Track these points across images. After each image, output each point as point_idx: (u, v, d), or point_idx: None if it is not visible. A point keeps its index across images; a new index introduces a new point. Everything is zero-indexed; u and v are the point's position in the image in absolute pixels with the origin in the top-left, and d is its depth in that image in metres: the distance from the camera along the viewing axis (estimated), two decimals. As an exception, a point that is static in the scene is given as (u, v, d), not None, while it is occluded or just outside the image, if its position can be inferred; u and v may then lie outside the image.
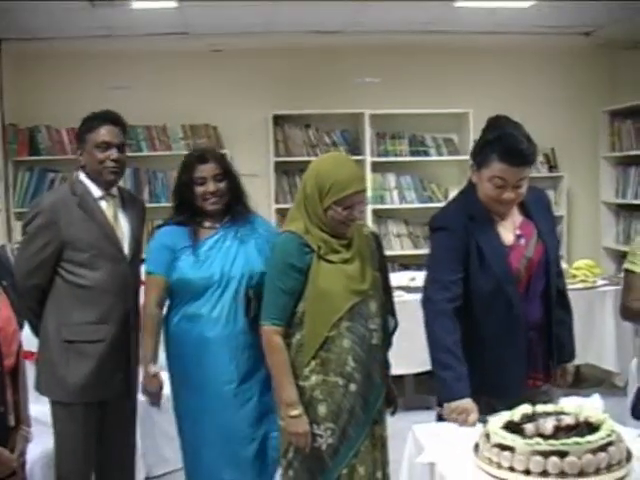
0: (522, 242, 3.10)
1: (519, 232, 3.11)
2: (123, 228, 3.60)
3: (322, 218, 3.06)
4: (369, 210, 7.55)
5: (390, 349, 3.32)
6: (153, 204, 7.05)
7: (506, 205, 3.05)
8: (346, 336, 3.05)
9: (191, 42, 7.40)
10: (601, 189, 7.99)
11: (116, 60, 7.34)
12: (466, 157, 3.65)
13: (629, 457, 2.31)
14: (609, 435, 2.28)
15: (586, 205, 8.13)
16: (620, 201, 7.81)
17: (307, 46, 7.53)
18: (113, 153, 3.52)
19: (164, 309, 3.56)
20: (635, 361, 4.21)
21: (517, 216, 3.15)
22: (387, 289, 3.31)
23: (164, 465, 4.80)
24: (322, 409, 3.06)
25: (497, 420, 2.47)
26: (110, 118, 3.57)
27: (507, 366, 3.04)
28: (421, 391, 5.82)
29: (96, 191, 3.55)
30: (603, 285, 6.18)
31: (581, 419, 2.41)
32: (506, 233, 3.10)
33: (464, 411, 2.87)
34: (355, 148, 7.75)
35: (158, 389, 3.52)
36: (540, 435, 2.32)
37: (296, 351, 3.07)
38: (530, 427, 2.37)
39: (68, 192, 3.54)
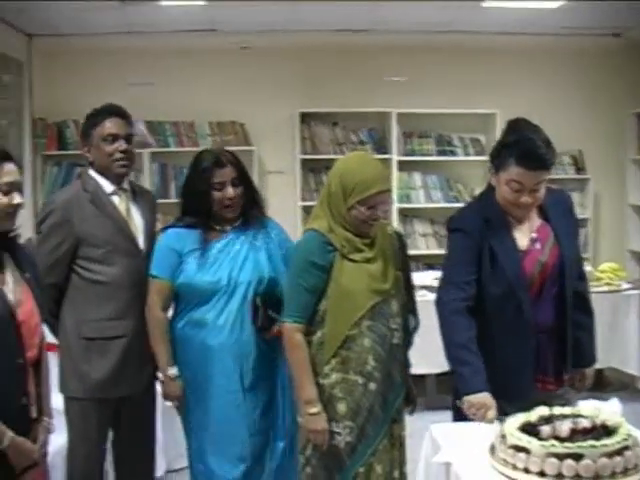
0: (537, 246, 3.10)
1: (535, 235, 3.11)
2: (136, 222, 3.55)
3: (346, 217, 3.06)
4: (395, 209, 7.56)
5: (411, 348, 3.31)
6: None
7: (523, 209, 3.05)
8: (367, 335, 3.06)
9: (219, 39, 7.42)
10: (627, 192, 7.93)
11: (144, 57, 7.39)
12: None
13: (645, 462, 2.30)
14: (625, 439, 2.28)
15: (612, 208, 8.07)
16: (646, 204, 7.77)
17: (335, 44, 7.52)
18: (121, 144, 3.47)
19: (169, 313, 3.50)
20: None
21: (535, 219, 3.14)
22: (409, 288, 3.30)
23: (184, 459, 4.81)
24: (341, 407, 3.06)
25: (513, 421, 2.47)
26: (115, 111, 3.51)
27: (515, 368, 3.04)
28: (442, 391, 5.79)
29: (108, 186, 3.51)
30: (628, 289, 6.15)
31: (598, 422, 2.41)
32: (522, 237, 3.09)
33: (483, 406, 2.87)
34: (382, 147, 7.74)
35: (181, 392, 3.43)
36: (556, 437, 2.33)
37: (317, 349, 3.08)
38: (546, 429, 2.37)
39: (80, 189, 3.51)
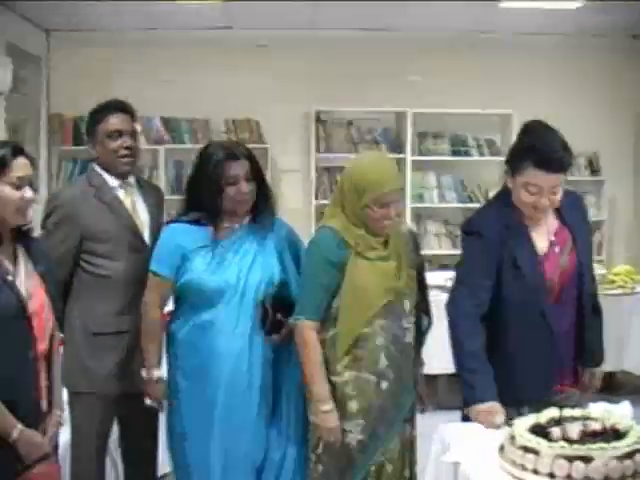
0: (557, 250, 3.08)
1: (553, 238, 3.09)
2: (142, 217, 3.51)
3: (359, 216, 3.05)
4: (408, 209, 7.55)
5: (423, 347, 3.31)
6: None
7: (541, 211, 3.02)
8: (379, 334, 3.05)
9: (236, 37, 7.46)
10: (643, 195, 7.94)
11: (161, 53, 7.43)
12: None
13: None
14: (636, 442, 2.27)
15: (627, 210, 8.06)
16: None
17: (350, 43, 7.54)
18: (126, 140, 3.42)
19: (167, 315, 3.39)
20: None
21: (552, 221, 3.12)
22: (422, 288, 3.28)
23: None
24: (353, 405, 3.06)
25: (523, 422, 2.47)
26: (119, 106, 3.47)
27: (535, 373, 3.02)
28: (454, 391, 5.78)
29: (112, 181, 3.46)
30: (641, 291, 6.13)
31: (608, 425, 2.41)
32: (541, 240, 3.07)
33: (490, 414, 2.87)
34: (396, 146, 7.76)
35: (162, 394, 3.31)
36: (566, 439, 2.32)
37: (329, 347, 3.07)
38: (556, 431, 2.37)
39: (85, 184, 3.48)
